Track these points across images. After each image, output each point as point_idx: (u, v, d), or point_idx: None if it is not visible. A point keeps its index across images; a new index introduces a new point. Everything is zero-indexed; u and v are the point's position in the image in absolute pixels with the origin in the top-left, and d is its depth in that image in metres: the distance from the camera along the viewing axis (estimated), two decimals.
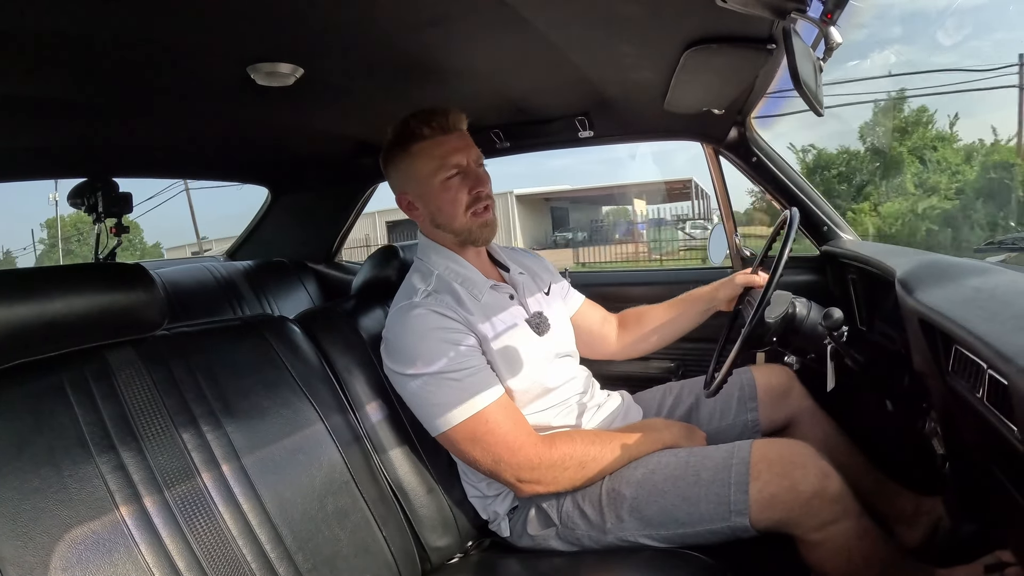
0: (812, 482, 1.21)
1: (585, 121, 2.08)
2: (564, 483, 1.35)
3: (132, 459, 1.01)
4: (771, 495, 1.21)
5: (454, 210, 1.44)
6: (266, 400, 1.23)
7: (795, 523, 1.22)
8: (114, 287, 1.09)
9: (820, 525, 1.21)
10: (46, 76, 1.38)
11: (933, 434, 1.27)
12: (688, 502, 1.27)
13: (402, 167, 1.47)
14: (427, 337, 1.33)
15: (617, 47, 1.41)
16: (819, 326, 1.35)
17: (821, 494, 1.20)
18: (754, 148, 2.07)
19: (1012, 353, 0.69)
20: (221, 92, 1.62)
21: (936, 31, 27.85)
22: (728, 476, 1.26)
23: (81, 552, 0.91)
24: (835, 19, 1.03)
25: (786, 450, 1.27)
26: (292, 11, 1.15)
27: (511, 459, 1.31)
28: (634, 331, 1.81)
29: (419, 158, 1.44)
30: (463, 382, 1.31)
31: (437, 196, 1.44)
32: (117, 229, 2.56)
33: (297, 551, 1.12)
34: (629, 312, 1.84)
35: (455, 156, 1.43)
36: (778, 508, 1.21)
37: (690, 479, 1.29)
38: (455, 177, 1.43)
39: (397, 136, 1.45)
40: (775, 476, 1.22)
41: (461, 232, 1.46)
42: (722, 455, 1.30)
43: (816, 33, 1.07)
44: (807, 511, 1.20)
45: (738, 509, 1.22)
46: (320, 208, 3.17)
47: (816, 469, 1.23)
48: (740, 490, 1.23)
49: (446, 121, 1.43)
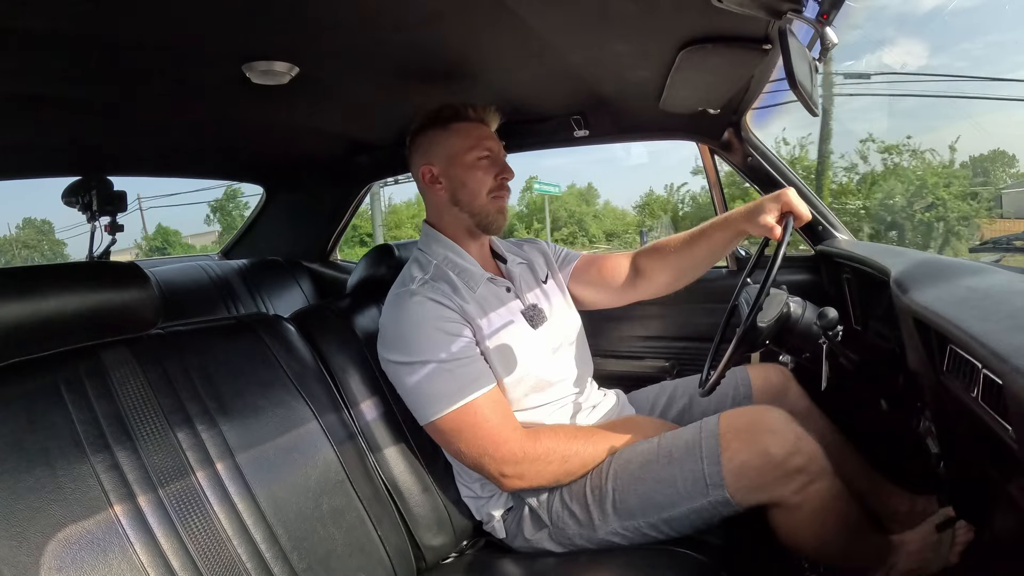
0: (784, 445, 1.22)
1: (581, 120, 2.09)
2: (547, 478, 1.35)
3: (127, 458, 1.01)
4: (742, 462, 1.22)
5: (479, 189, 1.48)
6: (261, 399, 1.22)
7: (771, 488, 1.22)
8: (108, 286, 1.09)
9: (799, 488, 1.22)
10: (40, 74, 1.38)
11: (928, 433, 1.28)
12: (664, 483, 1.28)
13: (437, 140, 1.51)
14: (423, 325, 1.34)
15: (613, 46, 1.41)
16: (814, 326, 1.35)
17: (794, 455, 1.21)
18: (749, 148, 2.07)
19: (1007, 353, 0.69)
20: (216, 90, 1.61)
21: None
22: (699, 451, 1.27)
23: (76, 551, 0.90)
24: (831, 19, 1.04)
25: (755, 415, 1.29)
26: (288, 10, 1.15)
27: (495, 452, 1.31)
28: (649, 268, 1.66)
29: (457, 135, 1.50)
30: (455, 372, 1.32)
31: (466, 172, 1.48)
32: (111, 228, 2.56)
33: (292, 550, 1.12)
34: (643, 249, 1.72)
35: (489, 141, 1.51)
36: (751, 475, 1.22)
37: (663, 460, 1.30)
38: (486, 159, 1.50)
39: (437, 113, 1.52)
40: (744, 444, 1.23)
41: (479, 212, 1.49)
42: (691, 432, 1.32)
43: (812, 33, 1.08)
44: (781, 474, 1.21)
45: (714, 482, 1.23)
46: (315, 207, 3.17)
47: (788, 432, 1.24)
48: (712, 462, 1.24)
49: (487, 113, 1.54)
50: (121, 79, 1.47)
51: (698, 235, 1.55)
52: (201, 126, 2.02)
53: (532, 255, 1.69)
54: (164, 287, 2.50)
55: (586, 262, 1.73)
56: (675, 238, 1.61)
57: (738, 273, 2.21)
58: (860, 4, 1.19)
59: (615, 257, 1.72)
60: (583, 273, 1.71)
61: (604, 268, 1.70)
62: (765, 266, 1.29)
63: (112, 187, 2.51)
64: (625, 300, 1.72)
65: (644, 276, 1.66)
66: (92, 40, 1.22)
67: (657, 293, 1.67)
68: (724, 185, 2.27)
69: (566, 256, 1.76)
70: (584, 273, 1.71)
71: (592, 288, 1.71)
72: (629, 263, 1.69)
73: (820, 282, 2.08)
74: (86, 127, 1.88)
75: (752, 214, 1.39)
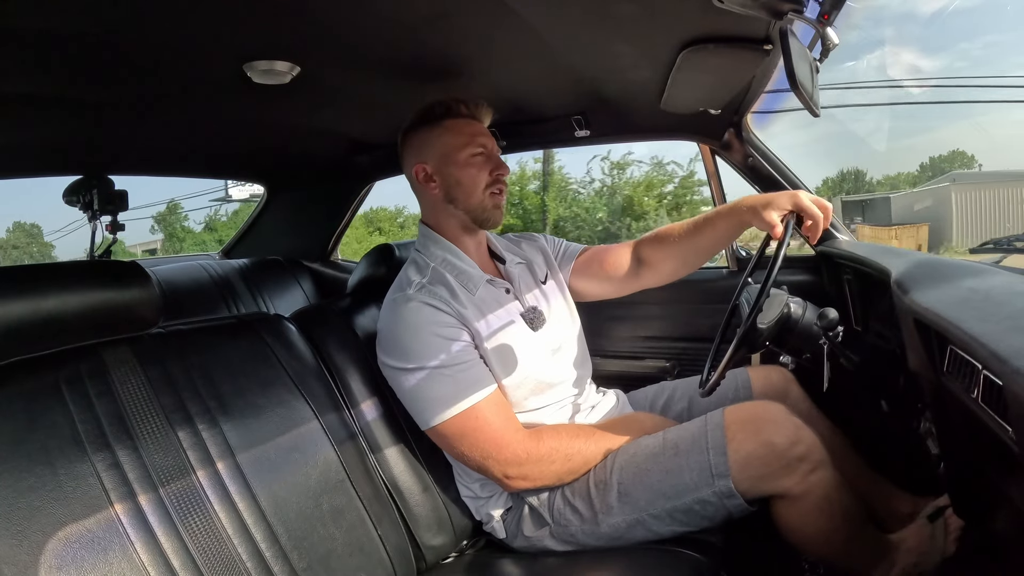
0: (785, 435, 1.25)
1: (582, 120, 2.08)
2: (550, 477, 1.36)
3: (127, 457, 1.01)
4: (748, 453, 1.25)
5: (474, 185, 1.46)
6: (261, 398, 1.23)
7: (776, 478, 1.24)
8: (109, 284, 1.09)
9: (801, 477, 1.24)
10: (42, 73, 1.38)
11: (928, 434, 1.28)
12: (671, 475, 1.29)
13: (429, 138, 1.49)
14: (420, 331, 1.34)
15: (614, 47, 1.41)
16: (814, 326, 1.36)
17: (796, 444, 1.24)
18: (750, 148, 2.07)
19: (1007, 354, 0.69)
20: (217, 90, 1.62)
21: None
22: (705, 442, 1.29)
23: (76, 550, 0.90)
24: (832, 20, 1.04)
25: (758, 409, 1.32)
26: (289, 9, 1.15)
27: (499, 455, 1.32)
28: (652, 256, 1.64)
29: (450, 132, 1.48)
30: (455, 378, 1.32)
31: (460, 169, 1.46)
32: (112, 227, 2.56)
33: (292, 550, 1.12)
34: (646, 238, 1.71)
35: (482, 138, 1.49)
36: (757, 464, 1.24)
37: (669, 452, 1.32)
38: (480, 155, 1.47)
39: (428, 111, 1.49)
40: (749, 434, 1.26)
41: (474, 209, 1.48)
42: (697, 426, 1.34)
43: (813, 34, 1.08)
44: (785, 463, 1.24)
45: (720, 472, 1.25)
46: (316, 206, 3.17)
47: (788, 423, 1.27)
48: (719, 453, 1.26)
49: (479, 109, 1.51)
50: (122, 78, 1.47)
51: (702, 223, 1.54)
52: (202, 125, 2.02)
53: (531, 254, 1.68)
54: (164, 286, 2.50)
55: (587, 256, 1.72)
56: (678, 226, 1.60)
57: (738, 273, 2.21)
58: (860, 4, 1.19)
59: (616, 248, 1.70)
60: (585, 267, 1.70)
61: (606, 260, 1.69)
62: (766, 266, 1.29)
63: (113, 186, 2.52)
64: (629, 290, 1.71)
65: (648, 265, 1.64)
66: (93, 39, 1.22)
67: (661, 281, 1.66)
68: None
69: (566, 250, 1.74)
70: (586, 267, 1.70)
71: (595, 281, 1.70)
72: (631, 253, 1.68)
73: (821, 283, 2.08)
74: (87, 126, 1.88)
75: (759, 208, 1.36)
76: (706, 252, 1.58)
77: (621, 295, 1.72)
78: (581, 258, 1.71)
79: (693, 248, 1.57)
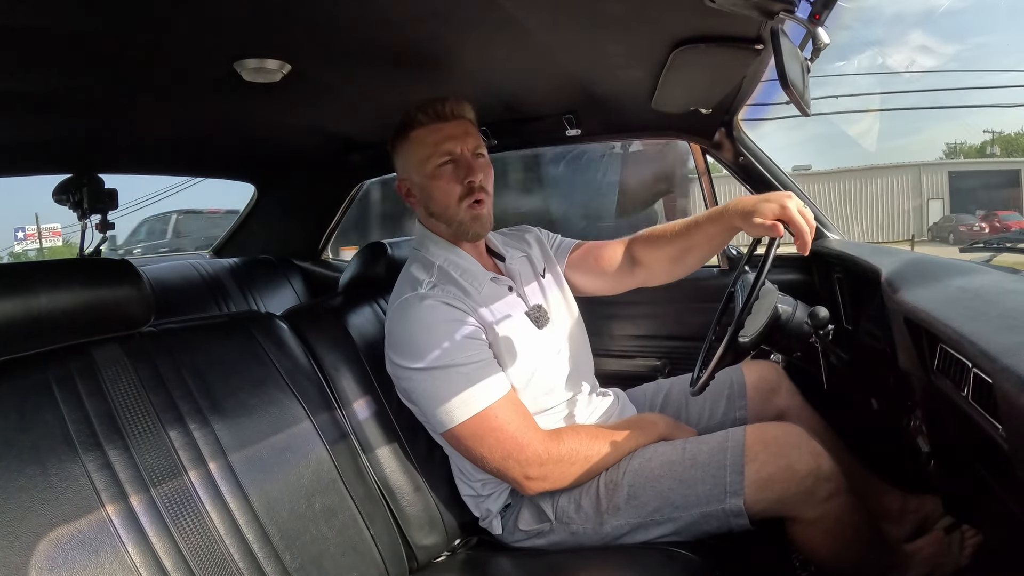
0: (808, 461, 1.23)
1: (573, 119, 2.08)
2: (570, 479, 1.34)
3: (118, 457, 1.01)
4: (768, 475, 1.23)
5: (447, 200, 1.42)
6: (253, 397, 1.22)
7: (791, 503, 1.24)
8: (100, 283, 1.09)
9: (817, 503, 1.23)
10: (31, 71, 1.37)
11: (918, 432, 1.29)
12: (684, 484, 1.29)
13: (403, 154, 1.46)
14: (436, 329, 1.31)
15: (605, 46, 1.41)
16: (805, 325, 1.36)
17: (816, 472, 1.23)
18: (741, 147, 2.08)
19: (996, 352, 0.70)
20: (207, 88, 1.61)
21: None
22: (724, 458, 1.28)
23: (67, 551, 0.90)
24: (823, 20, 1.04)
25: (780, 432, 1.30)
26: (279, 7, 1.15)
27: (520, 455, 1.29)
28: (645, 256, 1.61)
29: (415, 144, 1.43)
30: (471, 376, 1.30)
31: (429, 184, 1.43)
32: (102, 225, 2.55)
33: (284, 550, 1.12)
34: (637, 237, 1.66)
35: (448, 143, 1.41)
36: (775, 488, 1.23)
37: (686, 463, 1.31)
38: (447, 165, 1.41)
39: (400, 123, 1.45)
40: (771, 456, 1.24)
41: (453, 223, 1.44)
42: (717, 440, 1.33)
43: (804, 34, 1.08)
44: (803, 489, 1.23)
45: (734, 490, 1.24)
46: (307, 205, 3.16)
47: (810, 448, 1.26)
48: (736, 471, 1.25)
49: (443, 108, 1.42)
50: (112, 76, 1.46)
51: (693, 225, 1.49)
52: (192, 124, 2.01)
53: (528, 246, 1.66)
54: (155, 285, 2.48)
55: (582, 250, 1.69)
56: (670, 226, 1.55)
57: (730, 272, 2.22)
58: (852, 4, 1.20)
59: (610, 244, 1.68)
60: (580, 261, 1.68)
61: (601, 255, 1.67)
62: (757, 263, 1.29)
63: (103, 184, 2.50)
64: (624, 286, 1.68)
65: (641, 264, 1.62)
66: (82, 37, 1.21)
67: (657, 281, 1.63)
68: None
69: (561, 244, 1.72)
70: (581, 261, 1.68)
71: (590, 275, 1.68)
72: (624, 250, 1.64)
73: (811, 281, 2.08)
74: (77, 124, 1.87)
75: (747, 215, 1.31)
76: (699, 254, 1.54)
77: (617, 292, 1.70)
78: (576, 252, 1.70)
79: (685, 249, 1.53)
